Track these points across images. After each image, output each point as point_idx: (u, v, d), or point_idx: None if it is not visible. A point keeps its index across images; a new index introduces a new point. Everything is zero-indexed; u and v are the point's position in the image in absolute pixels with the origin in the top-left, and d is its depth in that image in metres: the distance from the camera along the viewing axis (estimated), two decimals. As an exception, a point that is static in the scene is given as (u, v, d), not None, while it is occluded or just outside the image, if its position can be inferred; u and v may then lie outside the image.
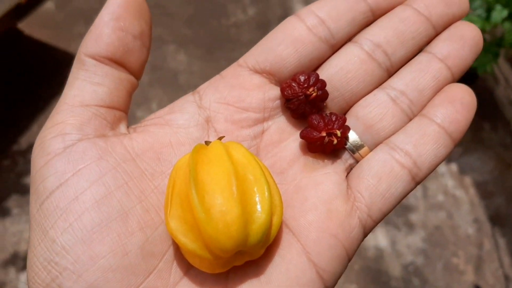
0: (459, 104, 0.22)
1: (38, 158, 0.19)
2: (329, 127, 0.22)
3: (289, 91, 0.22)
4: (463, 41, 0.23)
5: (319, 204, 0.21)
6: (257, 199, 0.18)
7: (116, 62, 0.21)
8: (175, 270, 0.19)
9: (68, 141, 0.19)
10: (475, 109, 0.23)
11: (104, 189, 0.19)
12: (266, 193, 0.18)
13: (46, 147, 0.19)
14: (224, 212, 0.17)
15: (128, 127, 0.22)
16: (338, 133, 0.22)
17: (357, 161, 0.23)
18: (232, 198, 0.18)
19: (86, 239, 0.18)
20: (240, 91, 0.23)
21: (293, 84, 0.22)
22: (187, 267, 0.20)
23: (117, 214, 0.19)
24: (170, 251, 0.20)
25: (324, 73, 0.23)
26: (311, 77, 0.22)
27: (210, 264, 0.18)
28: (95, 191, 0.19)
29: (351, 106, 0.24)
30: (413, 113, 0.23)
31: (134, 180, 0.20)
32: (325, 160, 0.23)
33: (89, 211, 0.18)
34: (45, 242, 0.18)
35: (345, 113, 0.24)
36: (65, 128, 0.20)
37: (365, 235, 0.21)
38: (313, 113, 0.23)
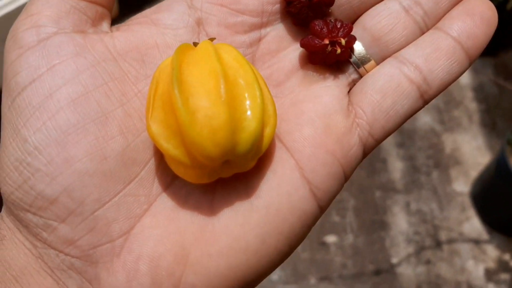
0: (479, 18, 0.20)
1: (10, 52, 0.18)
2: (333, 34, 0.20)
3: None
4: None
5: (316, 119, 0.19)
6: (247, 105, 0.17)
7: None
8: (159, 180, 0.18)
9: (43, 34, 0.18)
10: (496, 24, 0.21)
11: (81, 88, 0.17)
12: (259, 100, 0.17)
13: (19, 39, 0.18)
14: (210, 117, 0.16)
15: (111, 26, 0.20)
16: (343, 41, 0.20)
17: (361, 76, 0.21)
18: (219, 101, 0.16)
19: (60, 140, 0.17)
20: None
21: None
22: (172, 177, 0.18)
23: (95, 115, 0.17)
24: (153, 161, 0.18)
25: None
26: None
27: (195, 173, 0.17)
28: (71, 89, 0.17)
29: (358, 16, 0.21)
30: (427, 25, 0.21)
31: (115, 81, 0.18)
32: (327, 73, 0.21)
33: (64, 110, 0.17)
34: (16, 142, 0.17)
35: (352, 23, 0.21)
36: (39, 20, 0.18)
37: (365, 154, 0.20)
38: (317, 19, 0.20)
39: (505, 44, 1.01)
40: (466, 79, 0.99)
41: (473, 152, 0.91)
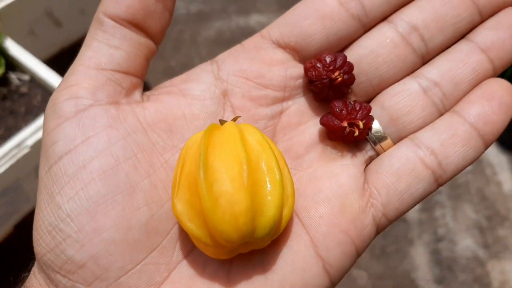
0: (497, 103, 0.21)
1: (49, 120, 0.19)
2: (352, 116, 0.21)
3: (313, 72, 0.21)
4: (511, 31, 0.21)
5: (332, 197, 0.20)
6: (268, 190, 0.18)
7: (136, 25, 0.20)
8: (179, 249, 0.19)
9: (80, 105, 0.19)
10: None
11: (112, 160, 0.18)
12: (278, 185, 0.18)
13: (58, 109, 0.19)
14: (232, 203, 0.17)
15: (143, 94, 0.21)
16: (361, 124, 0.20)
17: (378, 154, 0.22)
18: (242, 188, 0.17)
19: (91, 210, 0.18)
20: (261, 66, 0.22)
21: (318, 65, 0.21)
22: (192, 247, 0.19)
23: (124, 187, 0.18)
24: (175, 229, 0.19)
25: (352, 54, 0.22)
26: (338, 59, 0.21)
27: (215, 251, 0.18)
28: (103, 161, 0.18)
29: (378, 93, 0.22)
30: (445, 107, 0.21)
31: (144, 152, 0.19)
32: (345, 151, 0.21)
33: (96, 182, 0.18)
34: (51, 207, 0.18)
35: (370, 100, 0.22)
36: (78, 92, 0.19)
37: (377, 233, 0.21)
38: (337, 99, 0.21)
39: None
40: (509, 185, 0.87)
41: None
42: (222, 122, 0.20)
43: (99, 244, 0.18)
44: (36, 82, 0.63)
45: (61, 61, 0.87)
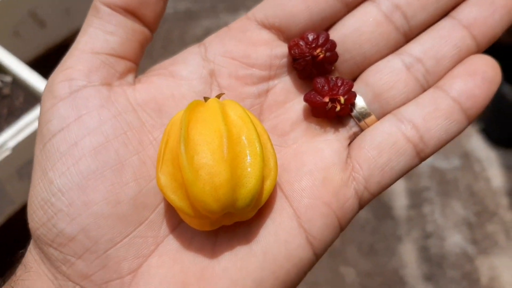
0: (480, 78, 0.21)
1: (46, 100, 0.20)
2: (333, 92, 0.21)
3: (296, 50, 0.21)
4: (493, 7, 0.22)
5: (315, 171, 0.20)
6: (248, 162, 0.18)
7: (131, 12, 0.21)
8: (166, 223, 0.20)
9: (74, 86, 0.20)
10: (498, 85, 0.21)
11: (102, 137, 0.19)
12: (259, 158, 0.18)
13: (54, 90, 0.20)
14: (212, 174, 0.17)
15: (136, 77, 0.22)
16: (342, 99, 0.21)
17: (362, 130, 0.22)
18: (222, 160, 0.17)
19: (81, 185, 0.18)
20: (247, 46, 0.22)
21: (301, 43, 0.21)
22: (179, 221, 0.20)
23: (113, 163, 0.19)
24: (163, 205, 0.20)
25: (336, 33, 0.22)
26: (320, 37, 0.21)
27: (199, 222, 0.18)
28: (94, 138, 0.19)
29: (362, 71, 0.23)
30: (428, 83, 0.22)
31: (133, 130, 0.20)
32: (328, 127, 0.22)
33: (86, 158, 0.19)
34: (44, 183, 0.19)
35: (355, 78, 0.23)
36: (72, 74, 0.20)
37: (360, 207, 0.21)
38: (320, 76, 0.22)
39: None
40: (498, 180, 0.87)
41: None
42: (206, 99, 0.20)
43: (89, 217, 0.18)
44: (18, 84, 0.63)
45: (47, 61, 0.87)
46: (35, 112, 0.59)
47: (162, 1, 0.21)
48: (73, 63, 0.20)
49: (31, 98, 0.63)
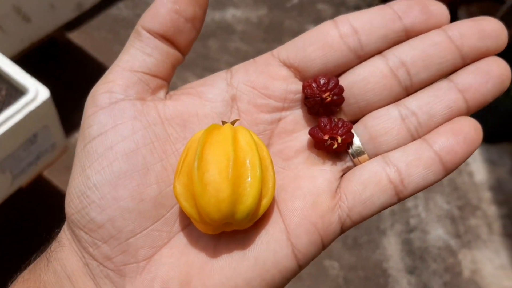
0: (462, 138, 0.23)
1: (88, 107, 0.23)
2: (333, 132, 0.24)
3: (308, 91, 0.24)
4: (488, 77, 0.24)
5: (308, 195, 0.23)
6: (248, 183, 0.21)
7: (167, 39, 0.24)
8: (179, 222, 0.23)
9: (113, 98, 0.23)
10: (478, 146, 0.23)
11: (133, 144, 0.22)
12: (258, 180, 0.21)
13: (96, 100, 0.23)
14: (217, 190, 0.21)
15: (167, 93, 0.25)
16: (339, 139, 0.24)
17: (355, 165, 0.25)
18: (227, 179, 0.21)
19: (112, 183, 0.22)
20: (267, 79, 0.25)
21: (313, 84, 0.24)
22: (189, 222, 0.23)
23: (140, 167, 0.22)
24: (177, 206, 0.23)
25: (346, 79, 0.25)
26: (331, 82, 0.24)
27: (204, 226, 0.22)
28: (126, 145, 0.22)
29: (364, 115, 0.25)
30: (418, 134, 0.24)
31: (160, 141, 0.23)
32: (326, 159, 0.25)
33: (119, 161, 0.22)
34: (82, 177, 0.22)
35: (356, 120, 0.25)
36: (113, 87, 0.23)
37: (342, 231, 0.24)
38: (325, 115, 0.25)
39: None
40: (481, 175, 0.87)
41: (496, 273, 0.77)
42: (223, 123, 0.24)
43: (116, 210, 0.21)
44: (1, 77, 0.63)
45: (31, 56, 0.87)
46: (16, 106, 0.59)
47: (195, 31, 0.24)
48: (114, 78, 0.23)
49: (14, 92, 0.63)
